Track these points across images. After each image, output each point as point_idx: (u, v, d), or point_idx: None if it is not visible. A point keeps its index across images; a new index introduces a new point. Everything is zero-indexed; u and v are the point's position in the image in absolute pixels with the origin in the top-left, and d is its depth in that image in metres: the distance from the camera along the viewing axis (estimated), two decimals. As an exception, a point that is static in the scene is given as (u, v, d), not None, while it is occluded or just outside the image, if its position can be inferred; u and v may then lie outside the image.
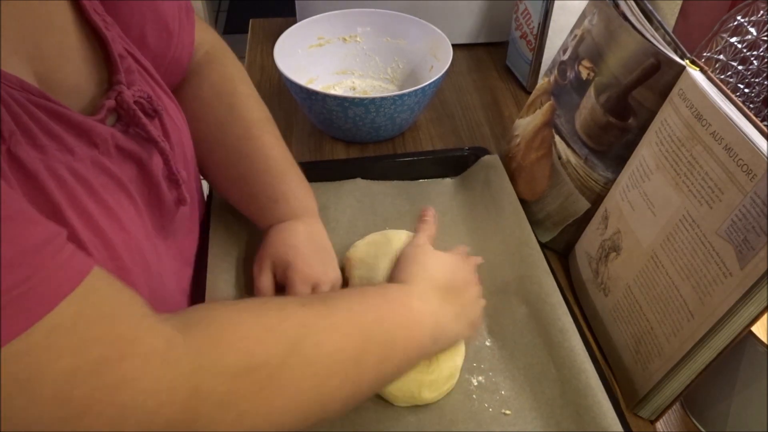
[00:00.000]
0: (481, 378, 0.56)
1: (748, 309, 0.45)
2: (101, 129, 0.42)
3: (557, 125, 0.66)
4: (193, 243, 0.61)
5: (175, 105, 0.56)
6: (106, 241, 0.40)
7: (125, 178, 0.44)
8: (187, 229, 0.59)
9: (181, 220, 0.55)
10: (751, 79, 0.68)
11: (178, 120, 0.54)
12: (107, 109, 0.43)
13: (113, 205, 0.42)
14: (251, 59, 1.02)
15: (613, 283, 0.59)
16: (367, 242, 0.64)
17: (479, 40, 1.05)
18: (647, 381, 0.54)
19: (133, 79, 0.47)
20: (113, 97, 0.44)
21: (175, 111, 0.55)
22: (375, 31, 0.92)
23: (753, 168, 0.44)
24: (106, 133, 0.43)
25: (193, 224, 0.61)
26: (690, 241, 0.49)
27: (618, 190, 0.60)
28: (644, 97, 0.56)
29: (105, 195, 0.41)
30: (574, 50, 0.64)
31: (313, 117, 0.83)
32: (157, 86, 0.52)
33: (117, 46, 0.46)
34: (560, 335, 0.56)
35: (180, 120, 0.55)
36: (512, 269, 0.64)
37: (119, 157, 0.44)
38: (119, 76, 0.45)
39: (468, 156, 0.76)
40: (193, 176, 0.60)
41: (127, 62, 0.47)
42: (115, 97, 0.44)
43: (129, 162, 0.46)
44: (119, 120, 0.45)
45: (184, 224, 0.57)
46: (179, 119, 0.55)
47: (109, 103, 0.44)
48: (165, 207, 0.50)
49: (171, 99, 0.55)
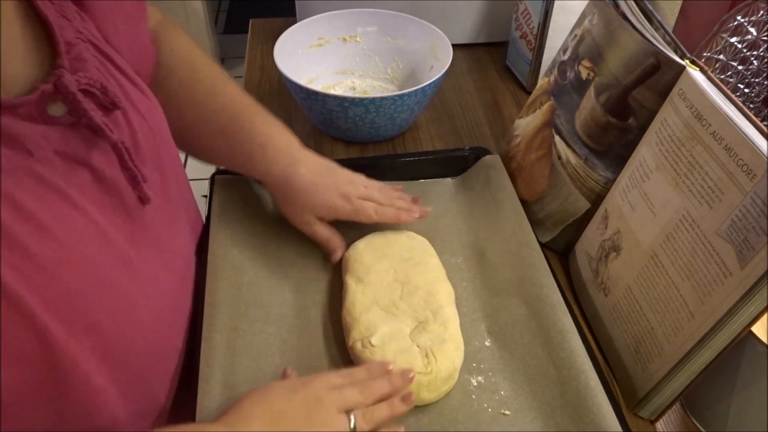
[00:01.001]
0: (481, 378, 0.56)
1: (748, 309, 0.45)
2: (32, 132, 0.39)
3: (557, 125, 0.66)
4: (183, 246, 0.58)
5: (149, 99, 0.52)
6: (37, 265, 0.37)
7: (71, 186, 0.41)
8: (173, 231, 0.55)
9: (157, 222, 0.51)
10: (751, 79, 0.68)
11: (149, 114, 0.51)
12: (43, 92, 0.39)
13: (48, 220, 0.39)
14: (251, 59, 1.02)
15: (613, 283, 0.59)
16: (366, 242, 0.64)
17: (479, 40, 1.05)
18: (647, 381, 0.54)
19: (83, 67, 0.43)
20: (52, 82, 0.40)
21: (146, 105, 0.51)
22: (375, 31, 0.92)
23: (753, 168, 0.44)
24: (36, 135, 0.39)
25: (180, 225, 0.58)
26: (690, 241, 0.49)
27: (618, 190, 0.60)
28: (644, 97, 0.56)
29: (39, 210, 0.38)
30: (574, 50, 0.64)
31: (313, 117, 0.83)
32: (126, 79, 0.49)
33: (67, 33, 0.43)
34: (560, 335, 0.56)
35: (152, 115, 0.52)
36: (512, 269, 0.63)
37: (62, 163, 0.41)
38: (60, 60, 0.41)
39: (468, 156, 0.76)
40: (173, 173, 0.56)
41: (77, 50, 0.43)
42: (54, 82, 0.40)
43: (75, 165, 0.42)
44: (69, 112, 0.41)
45: (166, 226, 0.53)
46: (152, 114, 0.52)
47: (45, 87, 0.39)
48: (129, 209, 0.47)
49: (144, 93, 0.52)
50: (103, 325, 0.43)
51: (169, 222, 0.54)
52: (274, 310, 0.60)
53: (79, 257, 0.41)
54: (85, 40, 0.45)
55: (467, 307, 0.61)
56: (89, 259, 0.41)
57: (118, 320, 0.44)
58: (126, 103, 0.47)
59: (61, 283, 0.39)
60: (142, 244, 0.48)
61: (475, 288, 0.63)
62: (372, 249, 0.63)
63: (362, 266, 0.61)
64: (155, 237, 0.51)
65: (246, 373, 0.54)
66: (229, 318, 0.58)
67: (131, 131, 0.47)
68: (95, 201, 0.43)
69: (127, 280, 0.45)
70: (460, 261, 0.66)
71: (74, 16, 0.46)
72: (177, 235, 0.56)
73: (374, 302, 0.57)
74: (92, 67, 0.44)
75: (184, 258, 0.59)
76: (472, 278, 0.64)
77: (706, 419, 0.55)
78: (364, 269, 0.60)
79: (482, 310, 0.61)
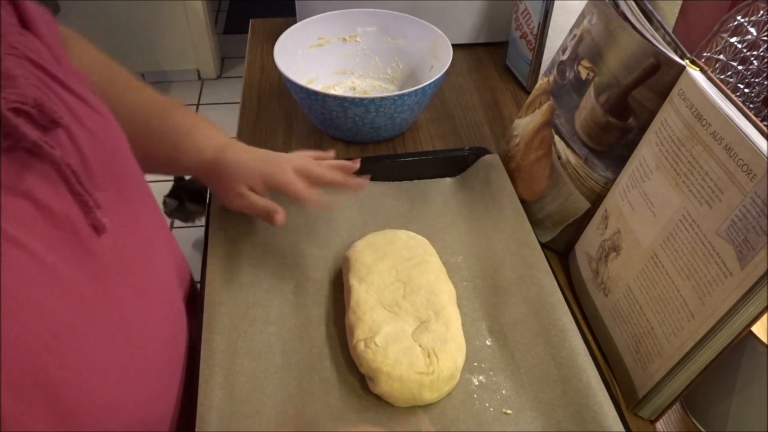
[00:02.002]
0: (482, 377, 0.56)
1: (748, 309, 0.45)
2: None
3: (557, 125, 0.66)
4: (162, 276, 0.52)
5: (101, 116, 0.46)
6: None
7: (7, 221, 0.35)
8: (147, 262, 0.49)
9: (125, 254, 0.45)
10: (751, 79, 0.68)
11: (101, 132, 0.45)
12: None
13: None
14: (251, 59, 1.02)
15: (613, 283, 0.59)
16: (366, 242, 0.64)
17: (479, 40, 1.05)
18: (647, 381, 0.54)
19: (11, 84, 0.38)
20: None
21: (97, 122, 0.45)
22: (375, 31, 0.92)
23: (753, 168, 0.44)
24: None
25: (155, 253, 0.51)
26: (690, 241, 0.49)
27: (618, 190, 0.60)
28: (644, 97, 0.56)
29: None
30: (573, 50, 0.64)
31: (313, 117, 0.83)
32: (72, 95, 0.43)
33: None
34: (560, 335, 0.56)
35: (105, 132, 0.46)
36: (512, 269, 0.64)
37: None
38: None
39: (468, 156, 0.76)
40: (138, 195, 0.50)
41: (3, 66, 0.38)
42: None
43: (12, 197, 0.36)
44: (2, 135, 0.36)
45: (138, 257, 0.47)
46: (105, 131, 0.46)
47: None
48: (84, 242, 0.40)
49: (94, 109, 0.45)
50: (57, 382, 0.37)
51: (141, 252, 0.48)
52: (275, 310, 0.60)
53: (22, 302, 0.35)
54: (20, 56, 0.40)
55: (468, 306, 0.62)
56: (36, 304, 0.36)
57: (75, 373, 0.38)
58: (71, 121, 0.41)
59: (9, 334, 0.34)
60: (108, 277, 0.42)
61: (476, 287, 0.64)
62: (372, 249, 0.63)
63: (364, 266, 0.61)
64: (125, 271, 0.45)
65: (246, 374, 0.54)
66: (229, 318, 0.58)
67: (78, 151, 0.41)
68: (40, 236, 0.37)
69: (83, 324, 0.39)
70: (460, 261, 0.66)
71: (9, 31, 0.40)
72: (153, 266, 0.50)
73: (378, 302, 0.57)
74: (24, 83, 0.39)
75: (165, 286, 0.52)
76: (472, 278, 0.65)
77: (706, 419, 0.55)
78: (365, 269, 0.60)
79: (483, 310, 0.61)
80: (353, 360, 0.55)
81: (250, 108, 0.91)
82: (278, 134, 0.86)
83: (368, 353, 0.53)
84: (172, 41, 2.58)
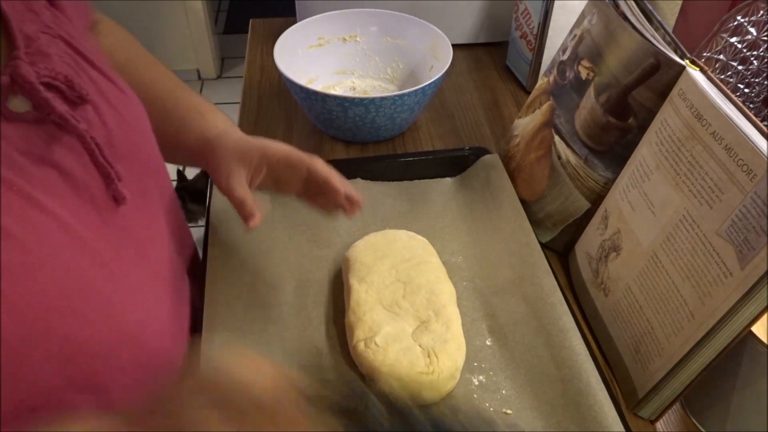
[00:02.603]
0: (482, 377, 0.56)
1: (748, 309, 0.45)
2: None
3: (557, 125, 0.66)
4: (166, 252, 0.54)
5: (126, 95, 0.49)
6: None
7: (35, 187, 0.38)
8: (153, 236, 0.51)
9: (135, 225, 0.48)
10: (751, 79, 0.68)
11: (125, 110, 0.48)
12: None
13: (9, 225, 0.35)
14: (251, 59, 1.02)
15: (613, 283, 0.59)
16: (366, 242, 0.64)
17: (479, 40, 1.05)
18: (647, 381, 0.54)
19: (45, 60, 0.41)
20: (7, 73, 0.37)
21: (123, 101, 0.48)
22: (375, 31, 0.92)
23: (753, 168, 0.44)
24: None
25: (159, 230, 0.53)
26: (690, 241, 0.49)
27: (618, 190, 0.60)
28: (644, 97, 0.56)
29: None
30: (573, 50, 0.64)
31: (313, 117, 0.83)
32: (101, 75, 0.47)
33: (28, 26, 0.41)
34: (560, 335, 0.56)
35: (129, 110, 0.49)
36: (512, 269, 0.64)
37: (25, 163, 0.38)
38: (17, 52, 0.39)
39: (468, 156, 0.76)
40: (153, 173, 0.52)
41: (38, 43, 0.41)
42: (10, 73, 0.37)
43: (41, 165, 0.39)
44: (33, 108, 0.39)
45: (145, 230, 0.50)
46: (129, 109, 0.49)
47: (1, 78, 0.37)
48: (102, 211, 0.43)
49: (120, 89, 0.49)
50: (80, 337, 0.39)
51: (148, 226, 0.50)
52: (275, 310, 0.60)
53: (51, 262, 0.37)
54: (54, 35, 0.43)
55: (467, 306, 0.62)
56: (63, 264, 0.38)
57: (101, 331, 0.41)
58: (98, 98, 0.44)
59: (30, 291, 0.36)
60: (123, 248, 0.45)
61: (476, 287, 0.64)
62: (372, 249, 0.63)
63: (364, 266, 0.61)
64: (134, 241, 0.47)
65: (247, 374, 0.54)
66: (229, 318, 0.58)
67: (104, 126, 0.44)
68: (65, 202, 0.40)
69: (108, 285, 0.42)
70: (459, 261, 0.66)
71: (42, 11, 0.44)
72: (158, 241, 0.52)
73: (378, 302, 0.57)
74: (58, 60, 0.42)
75: (170, 266, 0.54)
76: (472, 278, 0.65)
77: (706, 419, 0.55)
78: (365, 269, 0.60)
79: (483, 310, 0.61)
80: (353, 360, 0.55)
81: (250, 108, 0.91)
82: (278, 134, 0.86)
83: (368, 353, 0.53)
84: (172, 41, 2.58)
